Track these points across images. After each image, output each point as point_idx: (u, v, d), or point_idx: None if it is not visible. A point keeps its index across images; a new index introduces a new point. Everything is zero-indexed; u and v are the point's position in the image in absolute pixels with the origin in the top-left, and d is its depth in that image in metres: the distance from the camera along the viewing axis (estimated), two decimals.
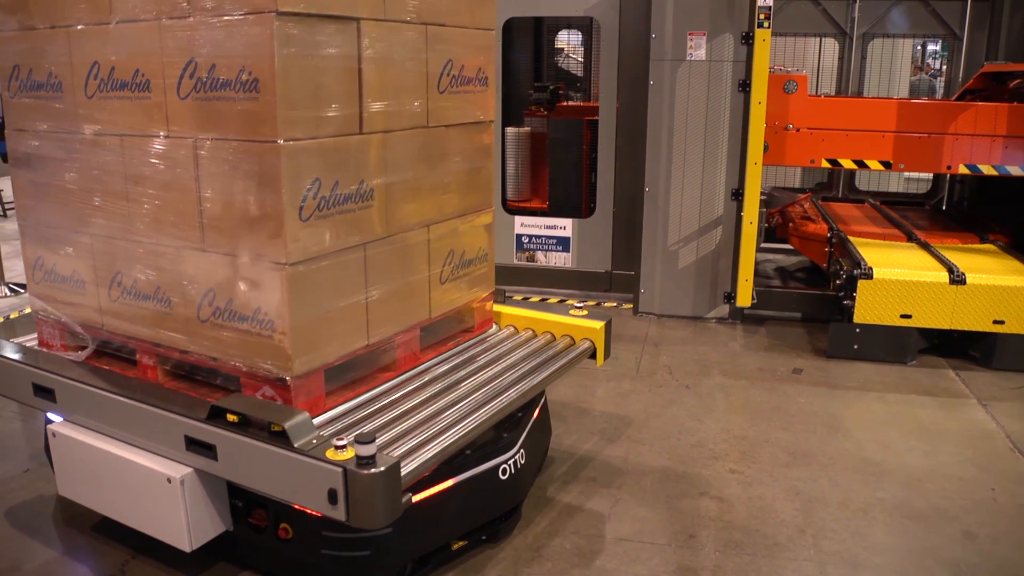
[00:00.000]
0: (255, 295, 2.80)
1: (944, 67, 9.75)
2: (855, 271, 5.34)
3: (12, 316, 4.24)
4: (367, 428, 2.87)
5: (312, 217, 2.75)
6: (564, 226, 6.73)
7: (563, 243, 6.75)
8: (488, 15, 3.58)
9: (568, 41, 8.81)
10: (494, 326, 4.01)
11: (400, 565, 3.03)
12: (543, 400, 3.87)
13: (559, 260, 6.79)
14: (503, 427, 3.38)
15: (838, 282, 5.69)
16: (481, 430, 3.01)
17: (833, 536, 3.45)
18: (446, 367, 3.48)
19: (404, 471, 2.57)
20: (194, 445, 2.80)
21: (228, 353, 2.94)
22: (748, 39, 5.69)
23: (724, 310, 6.23)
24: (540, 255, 6.82)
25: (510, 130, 6.95)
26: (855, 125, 6.12)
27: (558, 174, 6.94)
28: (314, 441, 2.61)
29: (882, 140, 6.08)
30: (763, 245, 6.55)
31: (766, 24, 5.44)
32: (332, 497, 2.47)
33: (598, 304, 6.65)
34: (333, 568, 2.93)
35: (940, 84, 11.22)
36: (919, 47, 12.29)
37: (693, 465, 4.04)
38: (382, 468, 2.43)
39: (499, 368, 3.50)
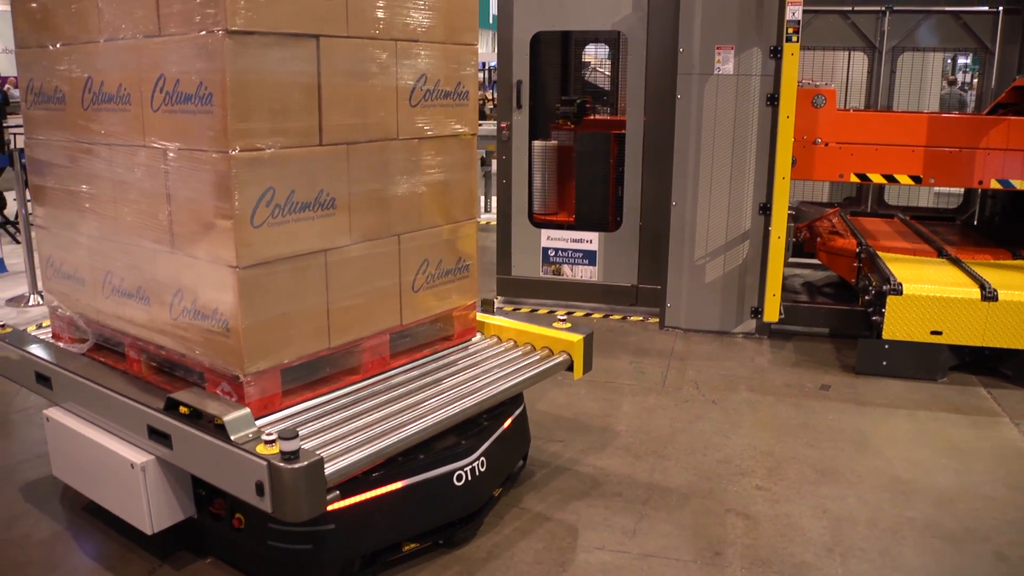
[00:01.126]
0: (213, 296, 2.98)
1: (975, 81, 9.67)
2: (884, 287, 5.29)
3: (44, 324, 4.42)
4: (315, 427, 3.00)
5: (265, 224, 2.90)
6: (590, 240, 6.73)
7: (589, 257, 6.74)
8: (468, 32, 3.69)
9: (595, 54, 8.82)
10: (478, 335, 4.09)
11: (343, 561, 3.10)
12: (519, 410, 3.91)
13: (585, 274, 6.78)
14: (463, 434, 3.46)
15: (867, 298, 5.64)
16: (424, 437, 3.09)
17: (862, 556, 3.41)
18: (415, 373, 3.58)
19: (332, 469, 2.69)
20: (154, 434, 3.01)
21: (193, 350, 3.13)
22: (776, 53, 5.67)
23: (751, 325, 6.19)
24: (566, 268, 6.81)
25: (537, 144, 6.96)
26: (885, 139, 6.07)
27: (585, 188, 6.94)
28: (250, 435, 2.75)
29: (912, 155, 6.03)
30: (791, 260, 6.51)
31: (794, 38, 5.42)
32: (259, 489, 2.61)
33: (624, 318, 6.64)
34: (278, 559, 3.07)
35: (971, 98, 11.13)
36: (949, 60, 12.18)
37: (719, 481, 4.02)
38: (304, 464, 2.56)
39: (464, 377, 3.56)
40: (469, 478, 3.39)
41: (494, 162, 10.38)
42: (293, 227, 3.01)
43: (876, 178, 6.12)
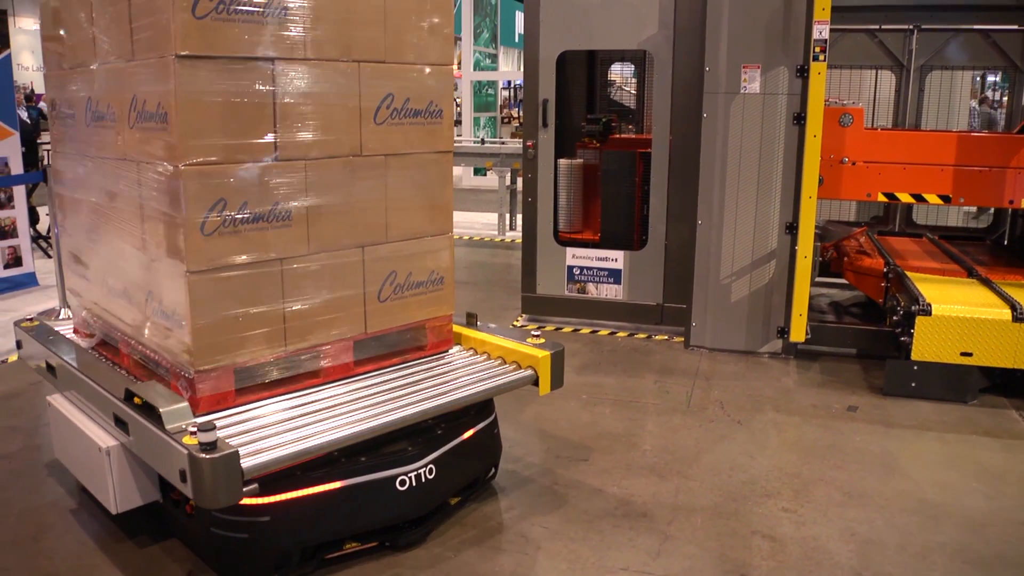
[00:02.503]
0: (172, 298, 3.22)
1: (1005, 99, 9.57)
2: (913, 307, 5.24)
3: None
4: (258, 423, 3.18)
5: (216, 232, 3.12)
6: (616, 258, 6.73)
7: (614, 275, 6.74)
8: (441, 53, 3.81)
9: (621, 73, 8.85)
10: (456, 347, 4.17)
11: (278, 552, 3.23)
12: (486, 422, 3.93)
13: (610, 292, 6.78)
14: (414, 440, 3.54)
15: (895, 318, 5.58)
16: (352, 440, 3.19)
17: None
18: (376, 380, 3.68)
19: (250, 463, 2.85)
20: (118, 422, 3.27)
21: (159, 347, 3.39)
22: (803, 72, 5.66)
23: (777, 345, 6.15)
24: (591, 287, 6.81)
25: (563, 162, 6.98)
26: (913, 158, 6.02)
27: (610, 206, 6.95)
28: (183, 427, 2.93)
29: (941, 173, 5.98)
30: (817, 279, 6.46)
31: (821, 57, 5.41)
32: (183, 476, 2.82)
33: (649, 337, 6.62)
34: (218, 546, 3.26)
35: (1001, 116, 11.03)
36: (979, 79, 12.07)
37: (745, 503, 3.98)
38: (218, 455, 2.75)
39: (422, 387, 3.64)
40: (414, 484, 3.46)
41: (519, 180, 10.45)
42: (246, 236, 3.21)
43: (904, 197, 6.07)
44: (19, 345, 4.36)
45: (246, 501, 3.04)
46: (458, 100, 16.63)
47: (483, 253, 10.33)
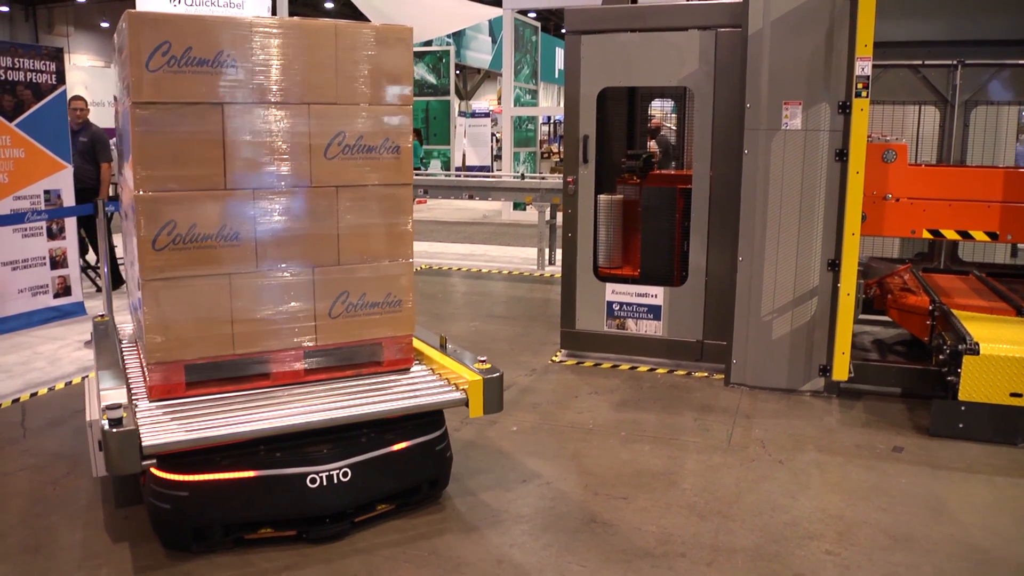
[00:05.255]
0: (139, 301, 3.86)
1: None
2: (960, 346, 5.14)
3: None
4: (194, 412, 3.74)
5: (167, 248, 3.74)
6: (655, 294, 6.70)
7: (654, 311, 6.71)
8: (397, 94, 4.16)
9: (662, 108, 8.86)
10: (418, 366, 4.45)
11: (196, 525, 3.67)
12: (428, 438, 4.09)
13: (650, 328, 6.74)
14: (334, 444, 3.86)
15: (941, 357, 5.48)
16: (251, 437, 3.63)
17: None
18: (319, 388, 4.08)
19: (150, 442, 3.40)
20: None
21: (138, 341, 4.13)
22: (845, 108, 5.63)
23: (819, 383, 6.06)
24: (631, 323, 6.79)
25: (602, 197, 6.99)
26: (958, 195, 5.95)
27: (650, 242, 6.93)
28: (117, 407, 3.43)
29: (988, 210, 5.89)
30: (860, 316, 6.37)
31: (864, 93, 5.39)
32: (100, 446, 3.39)
33: (688, 374, 6.56)
34: (152, 513, 3.70)
35: None
36: None
37: (787, 545, 3.91)
38: (119, 431, 3.31)
39: (353, 398, 3.98)
40: (324, 483, 3.77)
41: (559, 215, 10.47)
42: (195, 253, 3.79)
43: (950, 234, 5.99)
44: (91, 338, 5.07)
45: (168, 476, 3.57)
46: (498, 135, 16.76)
47: (522, 288, 10.35)
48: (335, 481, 3.80)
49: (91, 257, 9.92)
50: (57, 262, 8.17)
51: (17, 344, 7.30)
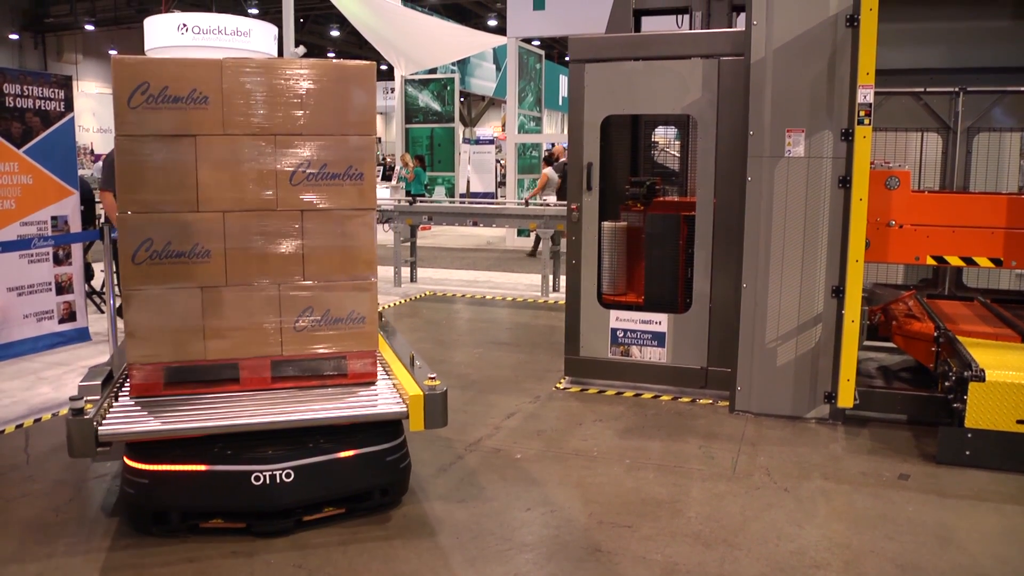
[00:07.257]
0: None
1: None
2: (965, 373, 5.12)
3: None
4: (163, 408, 4.17)
5: (145, 263, 4.21)
6: (659, 321, 6.70)
7: (658, 338, 6.70)
8: (361, 125, 4.46)
9: (665, 135, 8.89)
10: (385, 380, 4.66)
11: (155, 510, 4.05)
12: (380, 448, 4.29)
13: (654, 355, 6.73)
14: (282, 446, 4.13)
15: (947, 384, 5.46)
16: (198, 434, 4.03)
17: None
18: (282, 395, 4.39)
19: (105, 431, 3.88)
20: None
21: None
22: (848, 136, 5.65)
23: (824, 410, 6.04)
24: (635, 350, 6.78)
25: (606, 224, 7.01)
26: (962, 221, 5.96)
27: (654, 269, 6.94)
28: (85, 400, 3.95)
29: (992, 236, 5.90)
30: (865, 343, 6.36)
31: (866, 121, 5.41)
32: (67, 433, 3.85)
33: (693, 401, 6.54)
34: (122, 495, 4.15)
35: None
36: None
37: (793, 574, 3.88)
38: (78, 419, 3.80)
39: (309, 406, 4.25)
40: (267, 482, 4.04)
41: (563, 241, 10.50)
42: (169, 268, 4.24)
43: (954, 260, 5.99)
44: None
45: (135, 465, 3.99)
46: (502, 162, 16.84)
47: (526, 315, 10.35)
48: (278, 481, 4.06)
49: (96, 283, 9.94)
50: (63, 288, 8.20)
51: (22, 370, 7.31)
